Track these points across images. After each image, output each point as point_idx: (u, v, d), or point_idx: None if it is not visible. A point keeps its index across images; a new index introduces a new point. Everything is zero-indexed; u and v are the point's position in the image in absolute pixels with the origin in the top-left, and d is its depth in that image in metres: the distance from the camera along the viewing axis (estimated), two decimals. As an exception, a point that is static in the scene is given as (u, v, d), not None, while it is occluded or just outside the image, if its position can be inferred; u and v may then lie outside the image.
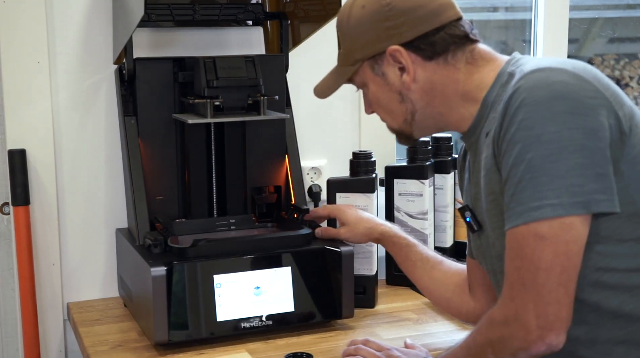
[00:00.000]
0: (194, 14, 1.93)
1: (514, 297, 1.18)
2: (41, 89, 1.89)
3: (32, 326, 1.89)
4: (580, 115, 1.14)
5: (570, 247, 1.15)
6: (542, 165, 1.13)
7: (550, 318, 1.16)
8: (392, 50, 1.34)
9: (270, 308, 1.68)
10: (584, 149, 1.13)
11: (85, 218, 1.97)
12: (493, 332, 1.22)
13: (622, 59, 2.98)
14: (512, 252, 1.19)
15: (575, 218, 1.14)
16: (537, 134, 1.14)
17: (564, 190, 1.13)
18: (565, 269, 1.16)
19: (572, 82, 1.16)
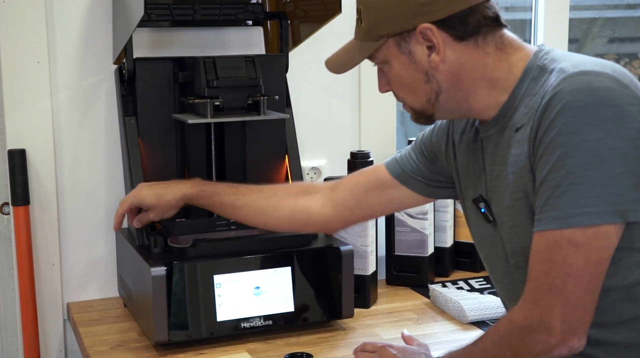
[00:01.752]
0: (194, 14, 1.93)
1: (538, 300, 1.17)
2: (41, 89, 1.89)
3: (32, 326, 1.89)
4: (623, 122, 1.13)
5: (602, 255, 1.15)
6: (583, 172, 1.12)
7: (574, 323, 1.16)
8: (423, 27, 1.27)
9: (270, 308, 1.68)
10: (625, 158, 1.13)
11: (85, 218, 1.97)
12: (514, 335, 1.21)
13: (622, 59, 2.98)
14: (541, 255, 1.18)
15: (610, 227, 1.14)
16: (579, 139, 1.13)
17: (603, 198, 1.12)
18: (594, 277, 1.16)
19: (615, 89, 1.15)
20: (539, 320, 1.17)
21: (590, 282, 1.15)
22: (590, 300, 1.16)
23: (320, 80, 2.13)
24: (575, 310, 1.16)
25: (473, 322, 1.78)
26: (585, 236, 1.13)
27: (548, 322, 1.16)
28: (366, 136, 2.18)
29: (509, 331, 1.23)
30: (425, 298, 1.94)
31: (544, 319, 1.17)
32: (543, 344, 1.18)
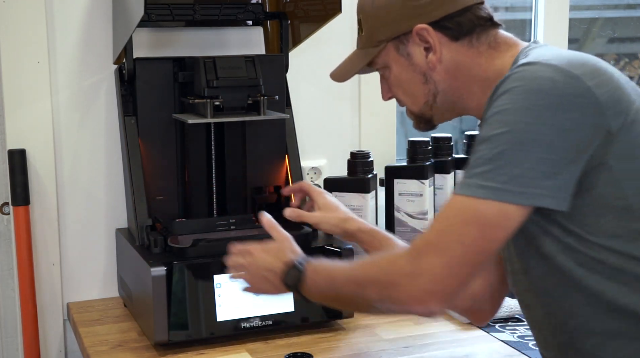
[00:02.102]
0: (194, 14, 1.93)
1: (424, 254, 1.19)
2: (41, 89, 1.89)
3: (32, 326, 1.89)
4: (558, 112, 1.14)
5: (498, 234, 1.17)
6: (504, 150, 1.14)
7: (446, 289, 1.18)
8: (419, 28, 1.32)
9: (270, 308, 1.68)
10: (549, 146, 1.14)
11: (85, 218, 1.97)
12: (389, 275, 1.23)
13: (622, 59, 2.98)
14: (444, 214, 1.20)
15: (513, 208, 1.15)
16: (509, 120, 1.15)
17: (514, 180, 1.14)
18: (482, 252, 1.18)
19: (559, 79, 1.16)
20: (417, 272, 1.19)
21: (477, 255, 1.17)
22: (467, 273, 1.18)
23: (320, 80, 2.13)
24: (451, 277, 1.17)
25: (473, 322, 1.78)
26: (487, 210, 1.15)
27: (423, 278, 1.18)
28: (366, 136, 2.18)
29: (384, 271, 1.24)
30: (425, 298, 1.94)
31: (421, 273, 1.18)
32: (408, 295, 1.20)
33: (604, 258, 1.19)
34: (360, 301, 1.29)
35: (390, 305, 1.23)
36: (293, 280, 1.37)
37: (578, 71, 1.18)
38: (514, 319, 1.80)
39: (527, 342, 1.67)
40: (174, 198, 1.86)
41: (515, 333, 1.72)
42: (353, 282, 1.28)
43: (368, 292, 1.25)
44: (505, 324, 1.78)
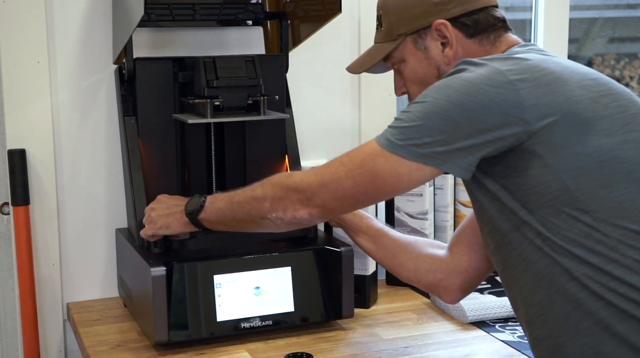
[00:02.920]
0: (194, 14, 1.93)
1: (320, 175, 1.36)
2: (41, 89, 1.89)
3: (31, 326, 1.89)
4: (466, 95, 1.25)
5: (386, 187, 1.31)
6: (411, 117, 1.28)
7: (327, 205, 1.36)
8: (438, 23, 1.43)
9: (270, 308, 1.68)
10: (451, 122, 1.25)
11: (85, 218, 1.97)
12: (283, 187, 1.40)
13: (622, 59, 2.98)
14: (355, 151, 1.34)
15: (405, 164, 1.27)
16: (425, 94, 1.29)
17: (413, 140, 1.26)
18: (368, 194, 1.33)
19: (482, 72, 1.27)
20: (307, 185, 1.37)
21: (363, 195, 1.34)
22: (349, 204, 1.36)
23: (320, 80, 2.13)
24: (334, 201, 1.35)
25: (473, 322, 1.78)
26: (383, 161, 1.29)
27: (311, 191, 1.36)
28: (366, 136, 2.18)
29: (280, 182, 1.41)
30: (425, 298, 1.94)
31: (310, 187, 1.36)
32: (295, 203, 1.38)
33: (551, 235, 1.25)
34: (254, 214, 1.44)
35: (280, 213, 1.40)
36: (193, 206, 1.56)
37: (506, 68, 1.27)
38: (514, 319, 1.80)
39: (527, 341, 1.67)
40: (174, 198, 1.86)
41: (515, 333, 1.72)
42: (251, 197, 1.45)
43: (262, 203, 1.42)
44: (505, 324, 1.78)
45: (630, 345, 1.21)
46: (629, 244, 1.23)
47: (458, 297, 1.59)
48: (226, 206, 1.50)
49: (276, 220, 1.41)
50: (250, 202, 1.45)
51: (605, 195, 1.24)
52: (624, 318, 1.22)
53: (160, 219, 1.62)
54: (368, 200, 1.36)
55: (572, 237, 1.24)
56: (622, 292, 1.22)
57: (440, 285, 1.58)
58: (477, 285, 1.59)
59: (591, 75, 1.33)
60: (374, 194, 1.33)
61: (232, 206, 1.49)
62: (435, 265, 1.59)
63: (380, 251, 1.67)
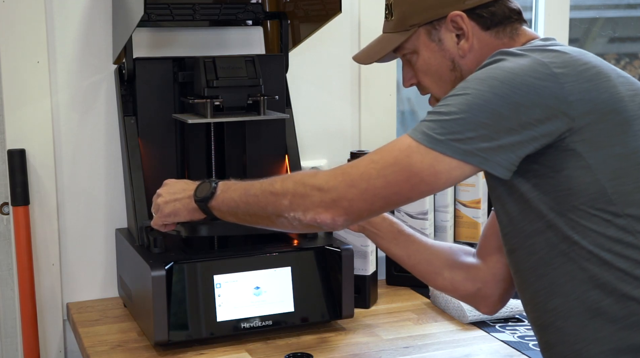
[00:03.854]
0: (194, 14, 1.93)
1: (348, 174, 1.25)
2: (41, 89, 1.89)
3: (31, 326, 1.89)
4: (511, 86, 1.18)
5: (422, 186, 1.22)
6: (451, 109, 1.20)
7: (355, 209, 1.24)
8: (454, 15, 1.35)
9: (270, 308, 1.68)
10: (494, 114, 1.18)
11: (85, 218, 1.97)
12: (306, 186, 1.27)
13: (622, 59, 2.97)
14: (385, 147, 1.25)
15: (444, 161, 1.19)
16: (465, 86, 1.22)
17: (454, 134, 1.18)
18: (401, 195, 1.23)
19: (524, 63, 1.21)
20: (333, 186, 1.25)
21: (395, 195, 1.23)
22: (379, 206, 1.25)
23: (320, 80, 2.13)
24: (363, 201, 1.23)
25: (473, 322, 1.78)
26: (420, 157, 1.20)
27: (338, 192, 1.24)
28: (366, 136, 2.18)
29: (303, 180, 1.29)
30: (425, 298, 1.94)
31: (338, 188, 1.24)
32: (321, 205, 1.25)
33: (579, 239, 1.21)
34: (270, 210, 1.32)
35: (299, 213, 1.28)
36: (204, 192, 1.43)
37: (548, 59, 1.22)
38: (514, 319, 1.80)
39: (527, 342, 1.67)
40: (174, 199, 1.86)
41: (515, 333, 1.72)
42: (269, 192, 1.32)
43: (281, 200, 1.30)
44: (505, 324, 1.78)
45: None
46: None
47: (497, 307, 1.53)
48: (240, 197, 1.38)
49: (293, 220, 1.30)
50: (267, 196, 1.33)
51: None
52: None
53: (167, 206, 1.50)
54: (400, 201, 1.25)
55: (602, 241, 1.20)
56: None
57: (479, 294, 1.51)
58: (513, 293, 1.51)
59: (622, 72, 1.29)
60: (408, 194, 1.24)
61: (247, 198, 1.36)
62: (473, 273, 1.51)
63: (413, 258, 1.55)
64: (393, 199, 1.24)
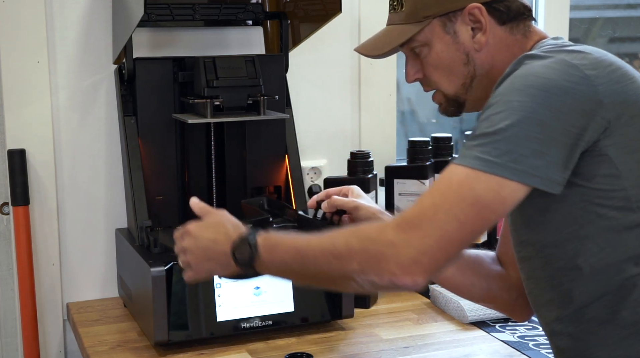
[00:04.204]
0: (194, 14, 1.93)
1: (418, 226, 1.14)
2: (41, 89, 1.89)
3: (31, 326, 1.89)
4: (551, 93, 1.15)
5: (492, 216, 1.15)
6: (499, 126, 1.14)
7: (434, 263, 1.14)
8: (473, 7, 1.30)
9: (270, 309, 1.68)
10: (542, 125, 1.14)
11: (85, 218, 1.97)
12: (376, 244, 1.16)
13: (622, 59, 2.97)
14: (442, 185, 1.17)
15: (508, 184, 1.13)
16: (506, 100, 1.16)
17: (508, 155, 1.13)
18: (475, 231, 1.16)
19: (556, 67, 1.18)
20: (405, 241, 1.14)
21: (470, 233, 1.15)
22: (457, 250, 1.16)
23: (320, 80, 2.13)
24: (441, 251, 1.14)
25: (473, 322, 1.78)
26: (483, 185, 1.13)
27: (414, 250, 1.14)
28: (366, 136, 2.18)
29: (372, 240, 1.17)
30: (425, 299, 1.94)
31: (411, 242, 1.14)
32: (395, 264, 1.14)
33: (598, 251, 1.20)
34: (336, 274, 1.19)
35: (373, 277, 1.16)
36: (244, 254, 1.27)
37: (577, 61, 1.18)
38: (514, 319, 1.80)
39: (527, 342, 1.67)
40: (174, 199, 1.86)
41: (515, 333, 1.72)
42: (330, 254, 1.19)
43: (349, 263, 1.17)
44: (505, 324, 1.78)
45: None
46: None
47: (530, 314, 1.46)
48: (294, 259, 1.23)
49: (365, 283, 1.17)
50: (330, 259, 1.19)
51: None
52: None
53: (200, 266, 1.33)
54: (474, 238, 1.18)
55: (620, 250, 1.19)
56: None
57: (517, 303, 1.46)
58: None
59: None
60: (480, 230, 1.16)
61: (303, 260, 1.22)
62: (507, 282, 1.46)
63: (448, 271, 1.44)
64: (467, 239, 1.16)
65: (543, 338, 1.67)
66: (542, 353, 1.61)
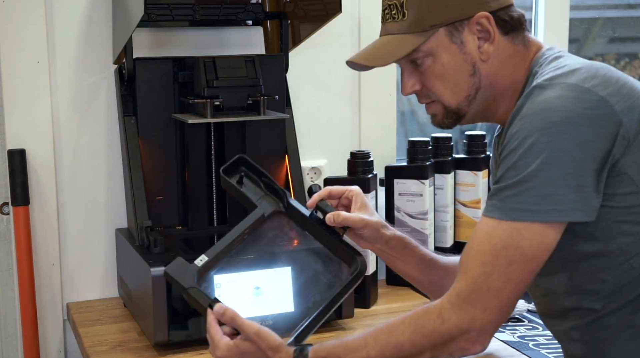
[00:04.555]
0: (194, 14, 1.93)
1: (475, 301, 1.18)
2: (41, 89, 1.89)
3: (31, 326, 1.89)
4: (574, 125, 1.15)
5: (538, 264, 1.18)
6: (530, 172, 1.15)
7: (497, 325, 1.20)
8: (481, 16, 1.27)
9: (270, 308, 1.68)
10: (573, 160, 1.14)
11: (85, 218, 1.97)
12: (443, 335, 1.20)
13: (622, 59, 2.97)
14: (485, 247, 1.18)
15: (550, 227, 1.16)
16: (530, 143, 1.15)
17: (545, 198, 1.15)
18: (527, 282, 1.20)
19: (570, 95, 1.16)
20: (471, 321, 1.18)
21: (523, 287, 1.19)
22: (514, 303, 1.20)
23: (320, 80, 2.13)
24: (503, 312, 1.19)
25: (473, 322, 1.78)
26: (528, 237, 1.15)
27: (479, 323, 1.18)
28: (366, 136, 2.18)
29: (438, 331, 1.21)
30: (425, 299, 1.94)
31: (477, 320, 1.18)
32: (467, 342, 1.20)
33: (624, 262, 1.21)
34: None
35: (444, 356, 1.22)
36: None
37: (589, 84, 1.18)
38: (514, 319, 1.80)
39: (527, 342, 1.67)
40: (174, 199, 1.86)
41: (515, 333, 1.72)
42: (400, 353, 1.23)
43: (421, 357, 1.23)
44: (505, 324, 1.77)
45: None
46: None
47: None
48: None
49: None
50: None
51: None
52: None
53: None
54: (524, 289, 1.21)
55: None
56: None
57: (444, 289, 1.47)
58: None
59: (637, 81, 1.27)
60: (530, 280, 1.20)
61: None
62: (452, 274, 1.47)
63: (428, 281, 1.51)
64: (520, 293, 1.20)
65: (543, 338, 1.67)
66: (542, 353, 1.61)
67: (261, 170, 1.46)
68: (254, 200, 1.46)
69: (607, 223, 1.20)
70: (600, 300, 1.24)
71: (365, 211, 1.46)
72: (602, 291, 1.23)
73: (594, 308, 1.25)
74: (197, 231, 1.86)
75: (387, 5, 1.34)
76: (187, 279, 1.37)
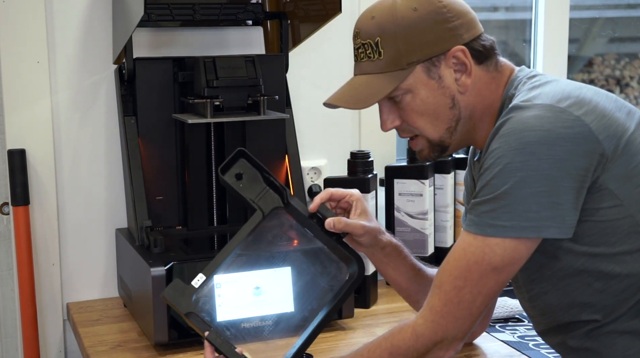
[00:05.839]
0: (194, 14, 1.93)
1: (447, 314, 1.25)
2: (41, 89, 1.89)
3: (31, 326, 1.89)
4: (550, 144, 1.17)
5: (509, 276, 1.23)
6: (505, 191, 1.18)
7: (467, 330, 1.27)
8: (457, 50, 1.29)
9: (270, 308, 1.68)
10: (547, 178, 1.17)
11: (85, 218, 1.97)
12: (419, 351, 1.28)
13: (622, 59, 2.97)
14: (459, 263, 1.23)
15: (523, 243, 1.20)
16: (506, 162, 1.18)
17: (519, 215, 1.18)
18: (496, 294, 1.26)
19: (546, 115, 1.19)
20: (444, 332, 1.25)
21: (492, 298, 1.26)
22: (482, 312, 1.26)
23: (320, 80, 2.13)
24: (473, 321, 1.26)
25: (473, 322, 1.78)
26: (499, 252, 1.20)
27: (451, 333, 1.25)
28: (366, 136, 2.18)
29: (413, 348, 1.28)
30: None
31: (449, 331, 1.25)
32: (440, 350, 1.27)
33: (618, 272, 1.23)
34: None
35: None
36: None
37: (564, 104, 1.20)
38: (514, 319, 1.80)
39: (527, 342, 1.67)
40: (174, 199, 1.86)
41: (515, 333, 1.72)
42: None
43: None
44: (505, 324, 1.78)
45: None
46: None
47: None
48: None
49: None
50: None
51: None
52: None
53: None
54: (494, 299, 1.30)
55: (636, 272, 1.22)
56: None
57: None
58: None
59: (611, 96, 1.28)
60: (498, 291, 1.26)
61: None
62: None
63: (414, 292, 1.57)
64: (490, 302, 1.26)
65: (543, 338, 1.67)
66: (542, 353, 1.61)
67: (261, 165, 1.47)
68: (253, 199, 1.46)
69: (595, 238, 1.22)
70: (600, 311, 1.25)
71: (365, 217, 1.49)
72: (599, 302, 1.25)
73: (594, 319, 1.26)
74: (197, 231, 1.86)
75: (361, 44, 1.37)
76: (185, 304, 1.39)
